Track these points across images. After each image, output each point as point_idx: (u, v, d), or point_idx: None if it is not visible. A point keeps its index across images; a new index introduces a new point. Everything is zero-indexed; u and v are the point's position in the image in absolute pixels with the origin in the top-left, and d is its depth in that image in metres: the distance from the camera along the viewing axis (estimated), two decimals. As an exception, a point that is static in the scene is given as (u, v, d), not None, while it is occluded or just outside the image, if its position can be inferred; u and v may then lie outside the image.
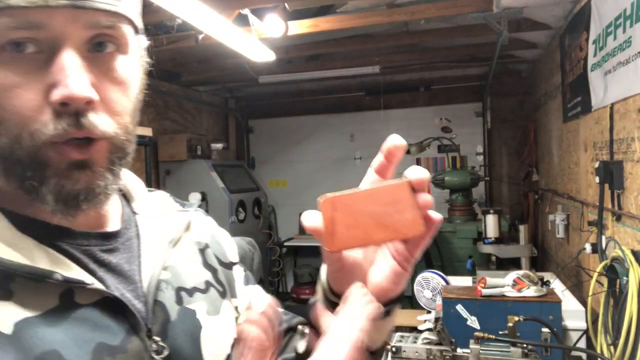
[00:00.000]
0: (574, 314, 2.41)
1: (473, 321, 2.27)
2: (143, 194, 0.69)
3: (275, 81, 5.04)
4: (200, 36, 3.17)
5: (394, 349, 1.79)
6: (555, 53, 3.53)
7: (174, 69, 4.70)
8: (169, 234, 0.66)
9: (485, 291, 2.28)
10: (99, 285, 0.53)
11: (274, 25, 3.11)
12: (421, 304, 2.56)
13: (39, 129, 0.49)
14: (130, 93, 0.55)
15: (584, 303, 2.51)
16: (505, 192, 5.60)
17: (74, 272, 0.52)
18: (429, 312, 2.50)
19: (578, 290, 2.83)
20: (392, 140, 0.48)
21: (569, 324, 2.38)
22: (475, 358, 1.69)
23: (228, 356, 0.66)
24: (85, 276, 0.53)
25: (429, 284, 2.55)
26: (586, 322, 2.35)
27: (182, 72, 4.77)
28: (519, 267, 3.32)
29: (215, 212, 4.34)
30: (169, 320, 0.60)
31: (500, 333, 1.72)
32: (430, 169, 5.33)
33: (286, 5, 3.07)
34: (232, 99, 6.36)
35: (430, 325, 2.10)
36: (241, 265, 0.79)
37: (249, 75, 4.64)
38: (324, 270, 0.57)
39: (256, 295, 0.77)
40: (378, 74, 4.95)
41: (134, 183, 0.69)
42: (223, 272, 0.73)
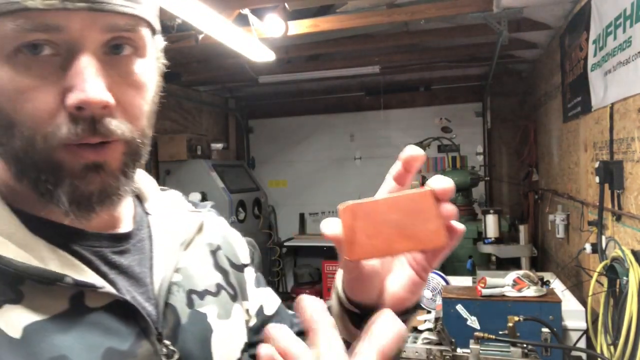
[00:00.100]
0: (574, 314, 2.41)
1: (473, 321, 2.27)
2: (156, 194, 0.69)
3: (275, 81, 5.04)
4: (200, 36, 3.16)
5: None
6: (555, 53, 3.53)
7: (174, 69, 4.70)
8: (181, 236, 0.65)
9: (485, 291, 2.29)
10: (110, 288, 0.53)
11: (274, 25, 3.11)
12: (421, 304, 2.56)
13: (53, 132, 0.48)
14: (147, 96, 0.55)
15: (584, 303, 2.52)
16: (505, 192, 5.60)
17: (85, 275, 0.51)
18: (429, 312, 2.50)
19: (578, 290, 2.83)
20: (409, 151, 0.46)
21: (569, 324, 2.38)
22: (475, 358, 1.69)
23: None
24: (96, 279, 0.52)
25: (429, 284, 2.55)
26: (586, 322, 2.35)
27: (182, 72, 4.77)
28: (519, 267, 3.32)
29: (215, 212, 4.32)
30: (180, 324, 0.59)
31: (500, 333, 1.73)
32: (430, 169, 5.33)
33: (286, 5, 3.07)
34: (232, 99, 6.36)
35: (430, 325, 2.10)
36: (252, 267, 0.78)
37: (249, 75, 4.64)
38: (339, 277, 0.56)
39: (267, 298, 0.77)
40: (378, 74, 4.95)
41: (147, 183, 0.68)
42: (234, 275, 0.72)
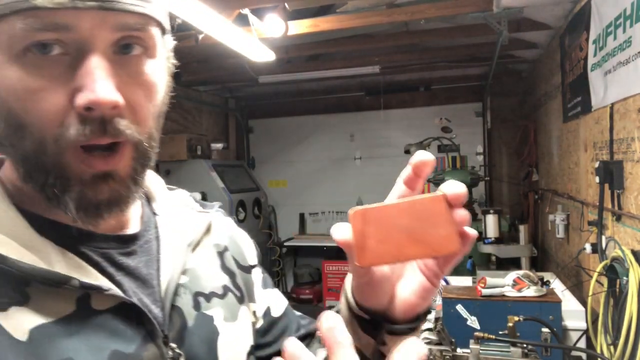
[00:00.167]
0: (574, 314, 2.41)
1: (473, 321, 2.27)
2: (163, 193, 0.68)
3: (275, 81, 5.04)
4: (200, 36, 3.16)
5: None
6: (555, 53, 3.53)
7: (174, 68, 4.69)
8: (189, 237, 0.64)
9: (485, 291, 2.29)
10: (117, 291, 0.52)
11: (274, 25, 3.11)
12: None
13: (62, 133, 0.47)
14: (156, 97, 0.54)
15: (584, 303, 2.51)
16: (505, 192, 5.60)
17: (92, 277, 0.51)
18: (429, 312, 2.50)
19: (578, 290, 2.83)
20: (419, 156, 0.45)
21: (569, 324, 2.38)
22: (475, 358, 1.69)
23: None
24: (103, 281, 0.52)
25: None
26: (586, 322, 2.35)
27: (182, 72, 4.76)
28: (519, 267, 3.32)
29: (215, 212, 4.32)
30: (186, 327, 0.58)
31: (500, 333, 1.72)
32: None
33: (286, 5, 3.07)
34: (232, 99, 6.36)
35: (430, 325, 2.10)
36: (260, 267, 0.77)
37: (249, 75, 4.64)
38: (349, 281, 0.55)
39: (274, 300, 0.76)
40: (378, 74, 4.95)
41: (155, 182, 0.68)
42: (241, 276, 0.71)
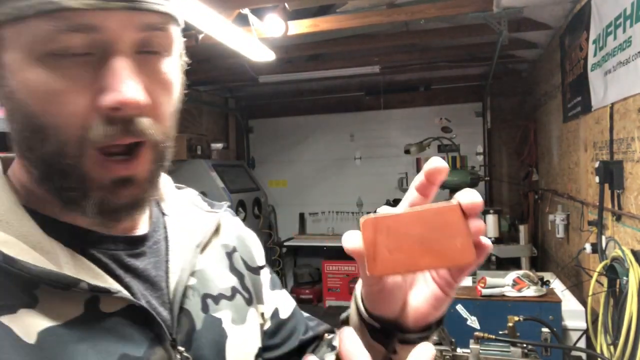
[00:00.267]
0: (574, 314, 2.41)
1: (473, 321, 2.27)
2: (172, 193, 0.68)
3: (275, 81, 5.04)
4: (200, 36, 3.16)
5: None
6: (555, 53, 3.53)
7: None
8: (198, 238, 0.64)
9: (485, 291, 2.29)
10: (126, 293, 0.52)
11: (274, 25, 3.11)
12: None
13: (85, 134, 0.47)
14: (174, 96, 0.54)
15: (584, 303, 2.51)
16: (505, 192, 5.60)
17: (100, 280, 0.51)
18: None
19: (578, 290, 2.83)
20: (433, 163, 0.44)
21: (569, 323, 2.38)
22: (475, 358, 1.68)
23: None
24: (112, 284, 0.51)
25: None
26: (586, 322, 2.35)
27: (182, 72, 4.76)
28: (519, 267, 3.32)
29: (215, 212, 4.33)
30: (195, 329, 0.58)
31: (500, 333, 1.72)
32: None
33: (286, 5, 3.07)
34: (232, 98, 6.36)
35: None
36: (268, 267, 0.77)
37: (249, 75, 4.64)
38: (359, 288, 0.53)
39: (282, 301, 0.76)
40: (378, 74, 4.95)
41: (164, 182, 0.67)
42: (250, 277, 0.70)
